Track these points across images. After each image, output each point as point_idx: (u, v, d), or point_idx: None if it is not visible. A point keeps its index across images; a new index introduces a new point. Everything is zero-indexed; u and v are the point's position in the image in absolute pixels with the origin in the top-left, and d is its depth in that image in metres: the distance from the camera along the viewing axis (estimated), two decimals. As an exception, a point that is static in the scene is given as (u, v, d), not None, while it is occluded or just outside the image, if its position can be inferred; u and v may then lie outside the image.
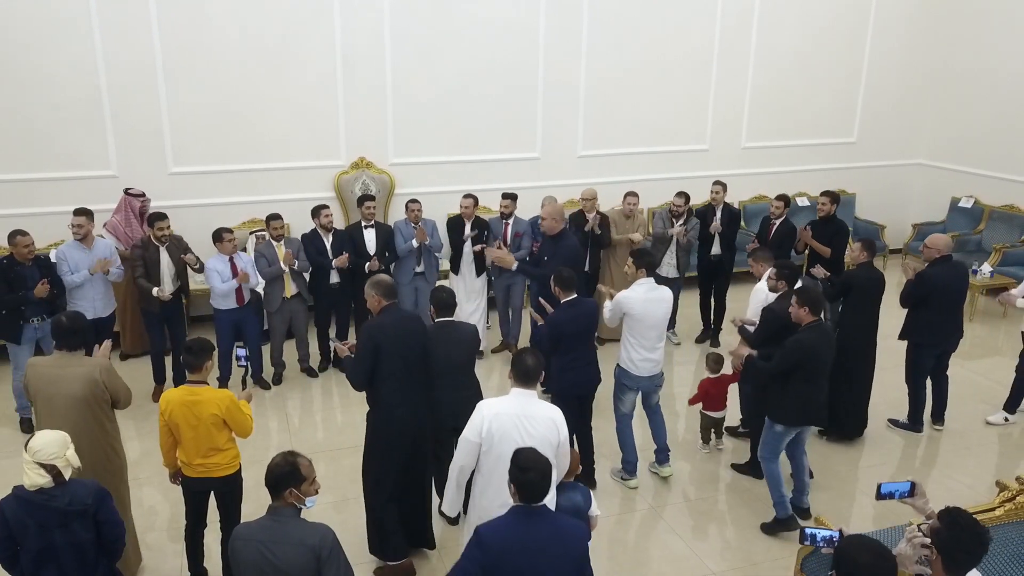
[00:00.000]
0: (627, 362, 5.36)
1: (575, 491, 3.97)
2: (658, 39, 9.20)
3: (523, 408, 3.68)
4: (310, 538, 2.95)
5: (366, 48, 8.13)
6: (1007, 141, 9.89)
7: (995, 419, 6.52)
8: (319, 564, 2.93)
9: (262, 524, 3.02)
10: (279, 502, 3.04)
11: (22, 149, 7.30)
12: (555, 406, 3.85)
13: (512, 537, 2.87)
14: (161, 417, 4.07)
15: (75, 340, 4.12)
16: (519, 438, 3.58)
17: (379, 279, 4.49)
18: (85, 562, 3.34)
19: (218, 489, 4.25)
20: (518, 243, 7.36)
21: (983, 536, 2.74)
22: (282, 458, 3.08)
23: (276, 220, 6.89)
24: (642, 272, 5.31)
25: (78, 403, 4.00)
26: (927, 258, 6.03)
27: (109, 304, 6.49)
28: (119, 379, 4.22)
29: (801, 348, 4.75)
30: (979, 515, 3.79)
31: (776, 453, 5.01)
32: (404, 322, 4.46)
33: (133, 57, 7.42)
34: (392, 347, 4.29)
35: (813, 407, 4.88)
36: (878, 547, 2.57)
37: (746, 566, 4.77)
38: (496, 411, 3.66)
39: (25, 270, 5.94)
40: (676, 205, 7.66)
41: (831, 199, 7.36)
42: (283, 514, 3.02)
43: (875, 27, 10.28)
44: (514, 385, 3.78)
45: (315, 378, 7.22)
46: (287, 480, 3.02)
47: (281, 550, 2.92)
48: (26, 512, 3.24)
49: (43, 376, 4.06)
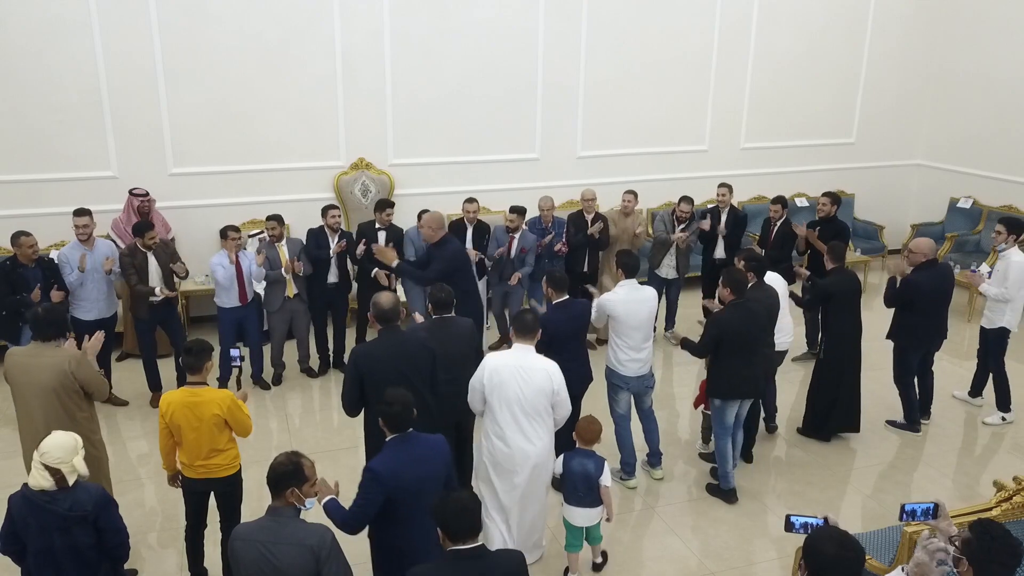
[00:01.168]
0: (614, 363, 5.41)
1: (589, 459, 4.42)
2: (657, 40, 9.21)
3: (521, 360, 4.29)
4: (309, 539, 2.97)
5: (366, 49, 8.15)
6: (1005, 142, 9.91)
7: (992, 420, 6.54)
8: (318, 565, 2.94)
9: (262, 524, 3.04)
10: (279, 502, 3.05)
11: (22, 150, 7.31)
12: (551, 360, 4.36)
13: (395, 460, 3.46)
14: (162, 419, 4.07)
15: (50, 331, 4.20)
16: (516, 387, 4.22)
17: (377, 300, 4.33)
18: (85, 566, 3.35)
19: (219, 490, 4.26)
20: (523, 258, 7.33)
21: (1017, 548, 2.70)
22: (286, 457, 3.10)
23: (272, 221, 6.85)
24: (620, 274, 5.43)
25: (48, 393, 4.09)
26: (912, 263, 6.04)
27: (112, 305, 6.51)
28: (91, 370, 4.28)
29: (719, 325, 5.15)
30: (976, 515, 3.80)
31: (725, 429, 5.32)
32: (400, 346, 4.27)
33: (133, 58, 7.43)
34: (380, 375, 4.10)
35: (741, 380, 5.21)
36: (844, 538, 2.56)
37: (745, 566, 4.79)
38: (497, 363, 4.29)
39: (28, 272, 5.95)
40: (683, 211, 7.66)
41: (831, 200, 7.39)
42: (283, 514, 3.03)
43: (873, 28, 10.30)
44: (515, 340, 4.36)
45: (315, 378, 7.23)
46: (289, 479, 3.04)
47: (281, 550, 2.93)
48: (29, 512, 3.27)
49: (18, 365, 4.17)
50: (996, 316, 6.35)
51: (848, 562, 2.50)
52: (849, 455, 6.07)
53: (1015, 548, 2.70)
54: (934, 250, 6.08)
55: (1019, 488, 3.97)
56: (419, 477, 3.47)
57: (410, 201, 8.25)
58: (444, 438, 3.72)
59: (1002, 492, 4.02)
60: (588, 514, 4.49)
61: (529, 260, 7.34)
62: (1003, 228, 6.30)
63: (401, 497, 3.43)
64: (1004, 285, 6.22)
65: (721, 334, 5.12)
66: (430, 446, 3.61)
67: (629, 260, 5.48)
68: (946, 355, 6.39)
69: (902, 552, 3.75)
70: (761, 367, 5.37)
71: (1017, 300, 6.26)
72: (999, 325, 6.35)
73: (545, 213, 7.50)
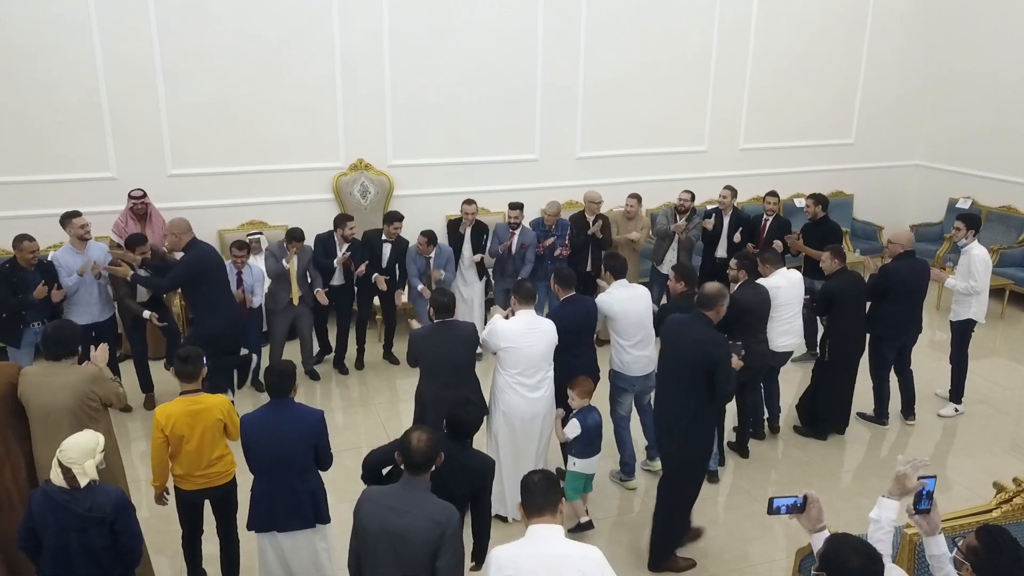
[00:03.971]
0: (620, 364, 5.43)
1: (593, 411, 5.01)
2: (656, 41, 9.21)
3: (528, 323, 4.90)
4: (439, 515, 3.01)
5: (365, 50, 8.14)
6: (1004, 142, 9.92)
7: (946, 412, 6.64)
8: (441, 541, 2.97)
9: (394, 490, 3.10)
10: (419, 475, 3.08)
11: (21, 151, 7.30)
12: (551, 321, 4.96)
13: (260, 421, 3.86)
14: (160, 432, 3.94)
15: (57, 350, 4.07)
16: (526, 343, 4.83)
17: (434, 296, 4.95)
18: (98, 568, 3.35)
19: (215, 497, 4.22)
20: (523, 254, 7.34)
21: (1023, 560, 2.67)
22: (427, 443, 3.08)
23: (294, 243, 6.64)
24: (609, 276, 5.51)
25: (65, 412, 3.96)
26: (891, 253, 6.19)
27: (107, 308, 6.46)
28: (110, 385, 4.17)
29: (664, 314, 5.32)
30: (976, 517, 3.81)
31: None
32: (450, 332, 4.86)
33: (132, 59, 7.42)
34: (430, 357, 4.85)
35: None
36: (866, 547, 2.53)
37: (744, 567, 4.79)
38: (507, 327, 4.88)
39: (28, 275, 5.92)
40: (682, 200, 7.73)
41: (815, 201, 7.39)
42: (417, 487, 3.07)
43: (872, 29, 10.30)
44: (518, 307, 4.93)
45: (317, 381, 7.21)
46: (432, 461, 3.12)
47: (409, 519, 2.99)
48: (48, 509, 3.29)
49: (33, 385, 4.03)
50: (962, 309, 6.46)
51: (873, 574, 2.47)
52: (848, 454, 6.08)
53: (1022, 560, 2.66)
54: (912, 242, 6.23)
55: (1019, 490, 3.96)
56: (280, 441, 3.86)
57: (409, 202, 8.26)
58: (319, 412, 3.98)
59: (1002, 494, 4.00)
60: (594, 462, 5.07)
61: (529, 256, 7.35)
62: (962, 224, 6.40)
63: None
64: (970, 279, 6.31)
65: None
66: (300, 417, 3.92)
67: (615, 263, 5.56)
68: (925, 353, 6.49)
69: (902, 554, 3.75)
70: None
71: (984, 292, 6.38)
72: (964, 317, 6.45)
73: (549, 217, 7.50)
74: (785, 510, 2.95)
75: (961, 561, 2.76)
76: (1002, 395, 7.07)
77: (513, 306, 5.03)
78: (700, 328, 4.35)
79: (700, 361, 4.26)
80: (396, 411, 6.73)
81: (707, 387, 4.29)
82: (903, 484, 2.96)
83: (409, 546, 2.96)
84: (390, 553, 3.00)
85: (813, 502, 2.94)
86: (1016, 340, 8.46)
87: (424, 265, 7.09)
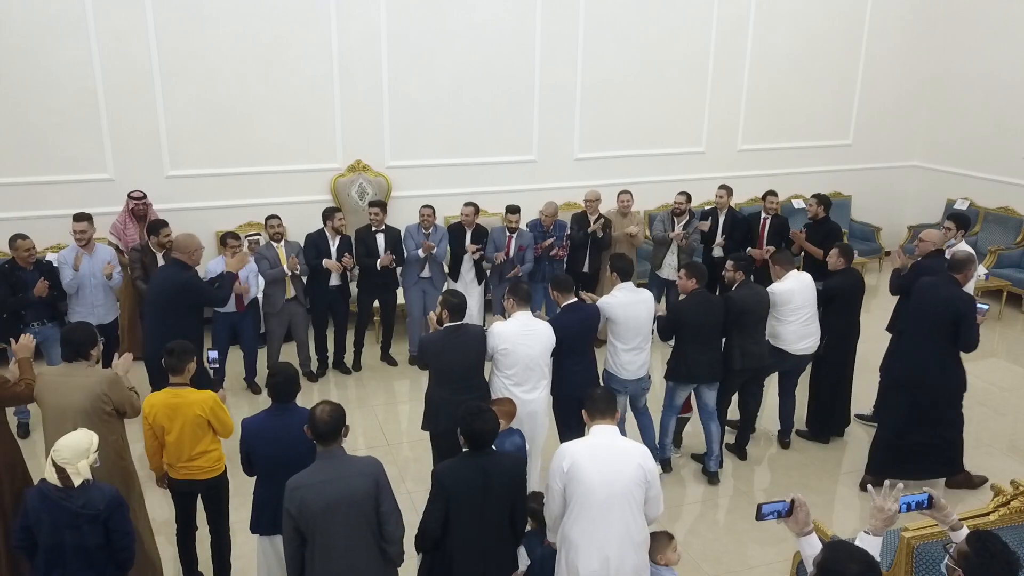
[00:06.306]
0: (613, 366, 5.43)
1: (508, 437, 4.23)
2: (654, 42, 9.21)
3: (525, 325, 4.93)
4: (367, 467, 3.33)
5: (362, 51, 8.13)
6: (1002, 143, 9.92)
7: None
8: (378, 489, 3.28)
9: (320, 467, 3.30)
10: (332, 443, 3.30)
11: (18, 152, 7.28)
12: (547, 322, 5.06)
13: (263, 426, 3.84)
14: (145, 421, 4.07)
15: (69, 350, 4.08)
16: (526, 346, 4.86)
17: (446, 296, 4.97)
18: (92, 567, 3.36)
19: (204, 491, 4.27)
20: (521, 256, 7.34)
21: (1015, 564, 2.67)
22: (329, 412, 3.32)
23: (273, 219, 6.87)
24: (615, 277, 5.46)
25: (80, 414, 3.96)
26: (921, 252, 6.12)
27: (111, 310, 6.46)
28: (125, 391, 4.15)
29: (676, 311, 5.56)
30: (974, 520, 3.80)
31: (673, 408, 5.73)
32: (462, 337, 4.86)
33: (129, 60, 7.41)
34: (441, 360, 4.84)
35: (697, 367, 5.50)
36: (864, 555, 2.53)
37: (742, 570, 4.79)
38: (504, 329, 4.91)
39: (27, 275, 5.92)
40: (678, 203, 7.71)
41: (819, 201, 7.40)
42: (335, 454, 3.32)
43: (870, 30, 10.31)
44: (515, 309, 4.95)
45: (314, 383, 7.18)
46: (341, 424, 3.35)
47: (345, 483, 3.23)
48: (43, 507, 3.30)
49: (48, 385, 4.06)
50: None
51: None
52: (846, 457, 6.07)
53: (1013, 565, 2.66)
54: (943, 241, 6.21)
55: (1017, 493, 3.95)
56: (285, 445, 3.83)
57: (408, 203, 8.24)
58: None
59: (1000, 497, 4.00)
60: None
61: (528, 257, 7.35)
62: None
63: None
64: None
65: (679, 322, 5.49)
66: (303, 422, 3.55)
67: (622, 264, 5.50)
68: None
69: (900, 557, 3.76)
70: (715, 350, 5.61)
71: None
72: None
73: (547, 218, 7.49)
74: (773, 516, 2.97)
75: (952, 567, 2.75)
76: (1000, 396, 7.07)
77: (510, 308, 5.02)
78: (951, 288, 5.21)
79: (951, 315, 5.11)
80: (394, 413, 6.72)
81: (951, 337, 5.17)
82: (885, 515, 2.91)
83: (356, 505, 3.23)
84: (340, 522, 3.21)
85: (800, 506, 2.94)
86: (1014, 341, 8.47)
87: (422, 239, 7.19)
